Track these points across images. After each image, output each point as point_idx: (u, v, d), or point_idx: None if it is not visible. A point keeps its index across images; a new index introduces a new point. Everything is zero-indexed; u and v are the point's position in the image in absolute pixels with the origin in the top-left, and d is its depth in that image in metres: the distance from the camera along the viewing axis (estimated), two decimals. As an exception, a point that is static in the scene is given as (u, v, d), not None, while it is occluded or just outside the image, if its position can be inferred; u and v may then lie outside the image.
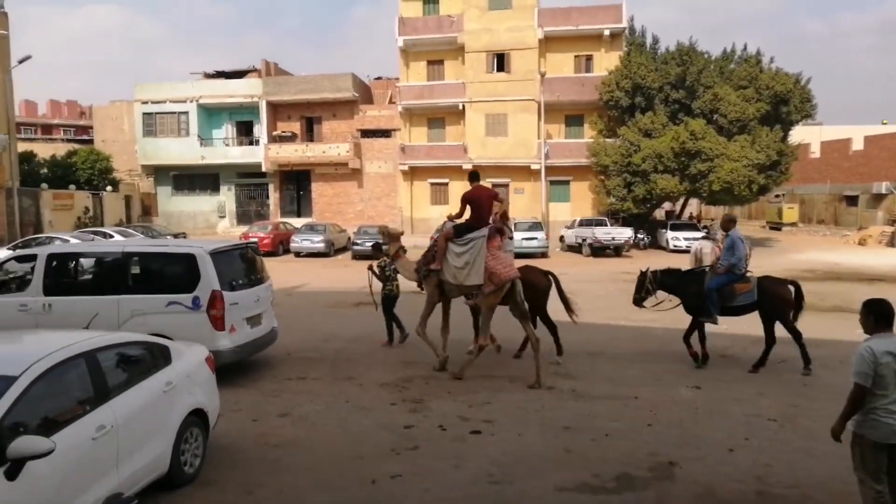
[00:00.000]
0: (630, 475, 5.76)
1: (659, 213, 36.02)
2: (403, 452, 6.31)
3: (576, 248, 29.15)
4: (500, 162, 35.40)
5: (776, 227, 43.41)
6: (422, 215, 37.01)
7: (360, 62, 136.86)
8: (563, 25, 34.68)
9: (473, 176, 9.70)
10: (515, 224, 28.30)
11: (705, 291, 9.23)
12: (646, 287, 9.74)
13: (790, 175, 31.74)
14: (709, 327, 9.67)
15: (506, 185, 36.45)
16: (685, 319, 9.80)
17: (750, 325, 11.99)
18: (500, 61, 35.27)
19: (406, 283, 10.77)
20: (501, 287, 8.62)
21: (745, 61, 31.78)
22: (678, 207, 35.73)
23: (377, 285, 11.09)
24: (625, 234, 28.36)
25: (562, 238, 31.26)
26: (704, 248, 14.75)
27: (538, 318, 9.84)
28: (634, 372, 9.29)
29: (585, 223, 30.24)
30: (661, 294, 10.05)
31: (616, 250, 27.94)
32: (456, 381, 8.80)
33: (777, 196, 43.90)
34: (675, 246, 28.32)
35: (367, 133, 38.62)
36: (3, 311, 8.59)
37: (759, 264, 18.34)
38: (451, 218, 9.53)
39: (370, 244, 24.18)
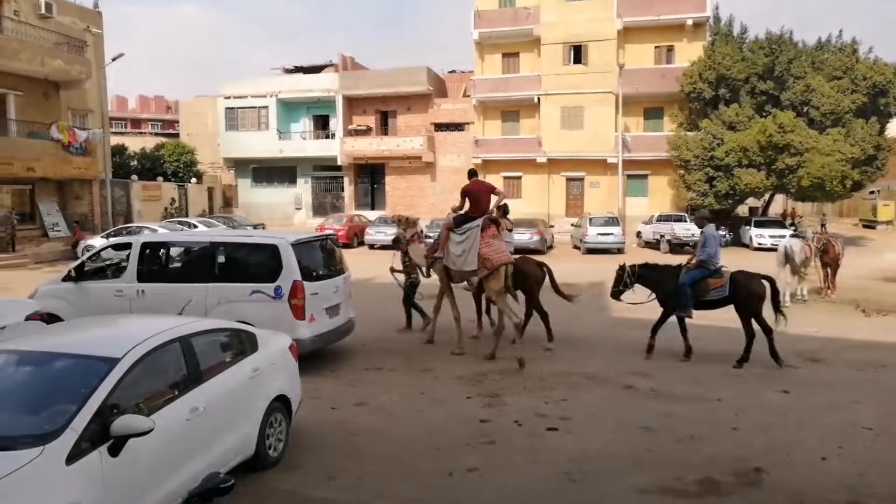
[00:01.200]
0: (715, 480, 5.57)
1: (742, 210, 34.65)
2: (479, 446, 6.31)
3: (653, 245, 28.41)
4: (575, 155, 34.89)
5: (870, 225, 41.02)
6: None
7: (433, 55, 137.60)
8: (643, 15, 33.78)
9: (471, 173, 10.48)
10: (591, 219, 27.90)
11: (679, 286, 9.43)
12: (624, 281, 9.99)
13: (887, 170, 29.94)
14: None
15: (581, 179, 35.97)
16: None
17: (841, 329, 11.40)
18: (577, 53, 34.71)
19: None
20: (495, 271, 9.27)
21: (839, 50, 30.14)
22: (763, 204, 34.29)
23: (401, 276, 11.84)
24: (705, 230, 27.37)
25: (639, 234, 30.54)
26: (794, 247, 14.10)
27: (532, 306, 10.35)
28: (716, 373, 8.97)
29: (664, 219, 29.41)
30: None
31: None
32: (531, 377, 8.73)
33: (872, 192, 41.42)
34: (760, 244, 27.20)
35: (440, 126, 38.79)
36: (101, 296, 9.09)
37: (850, 264, 17.43)
38: (454, 210, 10.25)
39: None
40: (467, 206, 9.92)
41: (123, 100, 72.81)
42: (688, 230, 27.27)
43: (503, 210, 10.49)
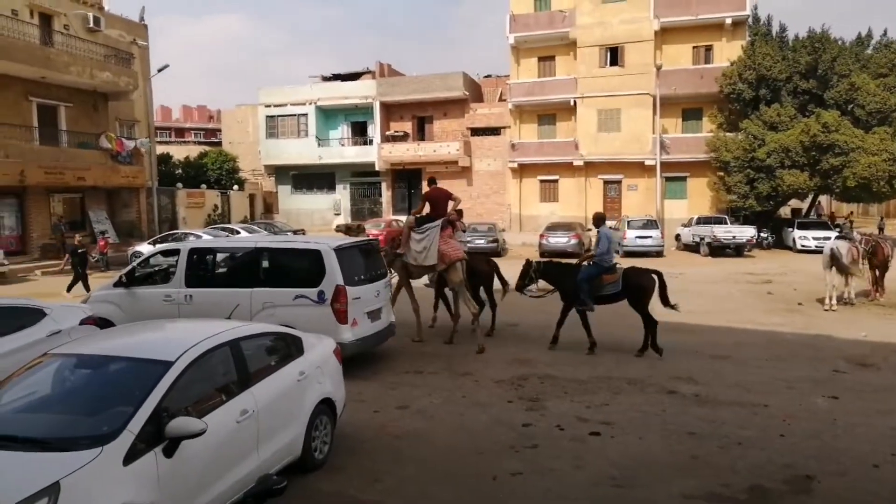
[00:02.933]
0: (763, 487, 5.48)
1: (784, 211, 33.89)
2: (522, 450, 6.31)
3: (693, 248, 27.99)
4: (612, 158, 34.62)
5: (920, 226, 39.75)
6: (531, 212, 36.83)
7: (467, 60, 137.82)
8: (681, 15, 33.39)
9: (431, 181, 11.58)
10: (629, 222, 27.64)
11: (578, 282, 10.04)
12: (529, 276, 10.76)
13: (937, 170, 28.96)
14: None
15: (618, 182, 35.64)
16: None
17: (891, 333, 11.16)
18: (614, 55, 34.45)
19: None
20: (452, 264, 10.44)
21: (885, 47, 29.32)
22: (806, 205, 33.48)
23: None
24: (747, 232, 26.88)
25: (678, 237, 30.12)
26: (841, 248, 13.75)
27: (487, 295, 11.68)
28: (763, 378, 8.80)
29: (703, 221, 28.95)
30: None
31: (737, 250, 26.56)
32: (571, 381, 8.69)
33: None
34: (803, 246, 26.59)
35: (476, 131, 38.88)
36: (150, 301, 9.36)
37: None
38: (413, 213, 11.45)
39: (480, 241, 24.44)
40: (427, 209, 11.07)
41: (168, 110, 74.70)
42: (728, 232, 26.82)
43: (459, 213, 11.65)
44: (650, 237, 26.58)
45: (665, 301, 10.03)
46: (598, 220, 10.56)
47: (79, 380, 4.87)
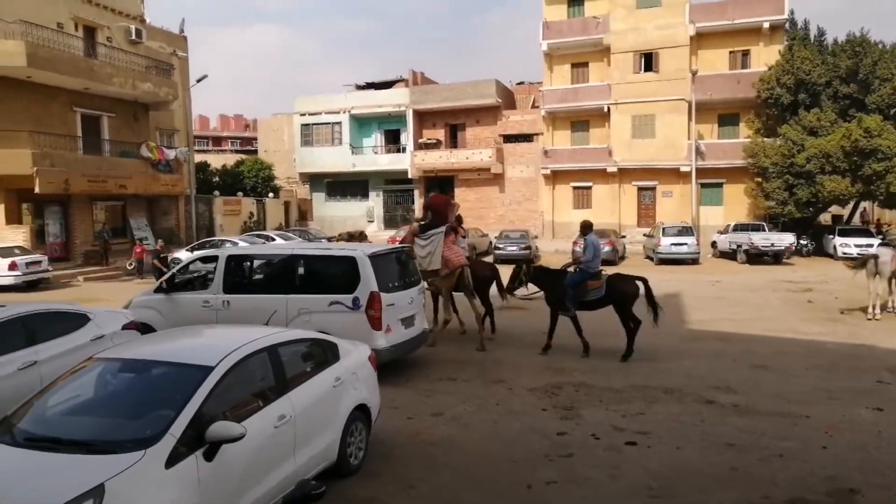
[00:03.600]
0: (805, 500, 5.36)
1: (824, 218, 33.11)
2: (557, 459, 6.27)
3: (729, 255, 27.54)
4: (646, 164, 34.28)
5: (968, 233, 38.45)
6: (564, 219, 36.61)
7: (498, 67, 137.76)
8: (717, 20, 32.96)
9: (429, 192, 13.14)
10: (664, 229, 27.32)
11: (564, 287, 10.38)
12: (519, 279, 11.09)
13: None
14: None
15: (653, 189, 35.26)
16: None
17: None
18: (648, 61, 34.15)
19: None
20: (454, 271, 11.00)
21: (928, 49, 28.52)
22: (847, 211, 32.68)
23: None
24: (786, 239, 26.31)
25: (714, 244, 29.65)
26: (884, 256, 13.39)
27: (482, 300, 11.87)
28: (804, 388, 8.62)
29: (741, 228, 28.46)
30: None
31: (775, 257, 26.03)
32: (606, 390, 8.61)
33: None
34: (845, 253, 25.90)
35: (509, 138, 38.85)
36: (189, 306, 9.54)
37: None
38: (417, 220, 12.36)
39: (512, 248, 24.64)
40: (429, 217, 11.75)
41: (205, 119, 76.09)
42: (766, 239, 26.31)
43: (458, 220, 12.37)
44: (685, 244, 26.21)
45: (651, 304, 10.19)
46: (585, 228, 10.93)
47: (122, 384, 4.99)
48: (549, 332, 10.70)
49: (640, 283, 10.27)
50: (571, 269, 10.84)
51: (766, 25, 32.15)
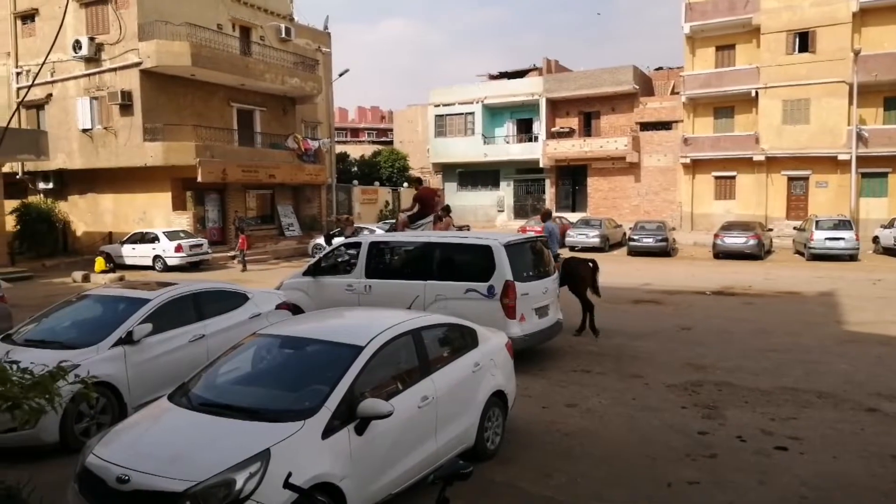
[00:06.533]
0: None
1: None
2: (699, 459, 6.05)
3: (893, 251, 25.03)
4: (798, 152, 31.87)
5: None
6: (703, 210, 34.90)
7: (632, 53, 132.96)
8: (885, -7, 29.89)
9: (419, 181, 14.13)
10: (818, 222, 25.30)
11: None
12: None
13: None
14: None
15: (805, 178, 32.77)
16: None
17: None
18: (803, 40, 31.63)
19: None
20: None
21: None
22: None
23: None
24: (964, 236, 23.54)
25: (875, 238, 27.03)
26: None
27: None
28: None
29: (909, 222, 25.77)
30: None
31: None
32: (752, 390, 8.17)
33: None
34: None
35: (646, 126, 37.54)
36: (334, 289, 10.08)
37: None
38: (403, 211, 13.18)
39: (648, 240, 24.02)
40: (417, 207, 12.61)
41: (344, 111, 79.57)
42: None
43: (446, 210, 12.99)
44: (842, 239, 24.09)
45: (595, 288, 11.15)
46: (545, 215, 12.75)
47: (281, 358, 5.40)
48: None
49: (591, 265, 11.25)
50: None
51: (947, -4, 28.78)
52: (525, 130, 41.17)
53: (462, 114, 41.55)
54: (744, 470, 5.80)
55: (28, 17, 27.05)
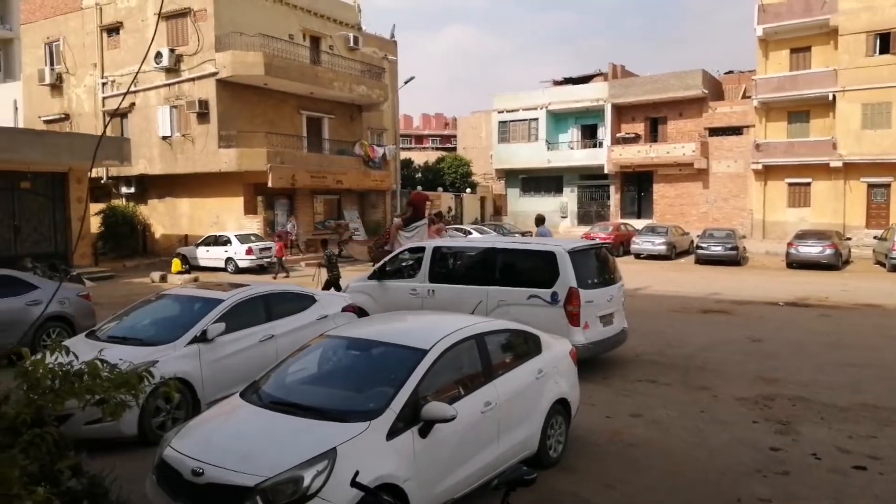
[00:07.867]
0: None
1: None
2: (771, 476, 5.85)
3: None
4: (879, 158, 30.41)
5: None
6: (776, 218, 33.66)
7: (700, 57, 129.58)
8: (979, -11, 28.23)
9: (412, 189, 13.97)
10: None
11: None
12: None
13: None
14: None
15: (886, 186, 31.23)
16: None
17: None
18: (885, 41, 30.23)
19: None
20: None
21: None
22: None
23: (325, 270, 15.54)
24: None
25: (967, 251, 25.42)
26: None
27: None
28: None
29: None
30: None
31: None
32: (828, 406, 7.84)
33: None
34: None
35: (715, 131, 36.51)
36: (398, 293, 10.23)
37: None
38: (397, 216, 14.03)
39: (717, 248, 23.47)
40: (410, 212, 13.78)
41: (409, 118, 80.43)
42: None
43: (439, 215, 14.41)
44: (927, 252, 22.80)
45: None
46: (539, 220, 13.57)
47: (348, 360, 5.52)
48: None
49: None
50: None
51: None
52: (589, 136, 40.69)
53: (526, 120, 41.40)
54: (818, 488, 5.58)
55: (113, 29, 28.52)
